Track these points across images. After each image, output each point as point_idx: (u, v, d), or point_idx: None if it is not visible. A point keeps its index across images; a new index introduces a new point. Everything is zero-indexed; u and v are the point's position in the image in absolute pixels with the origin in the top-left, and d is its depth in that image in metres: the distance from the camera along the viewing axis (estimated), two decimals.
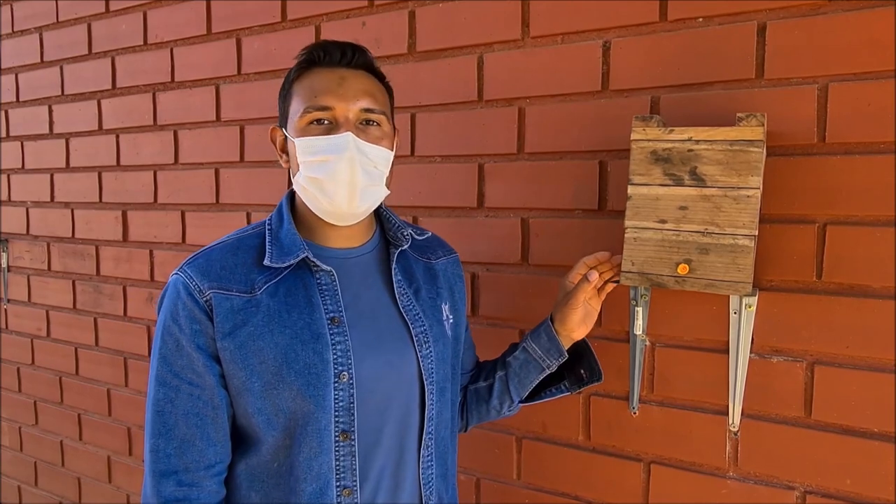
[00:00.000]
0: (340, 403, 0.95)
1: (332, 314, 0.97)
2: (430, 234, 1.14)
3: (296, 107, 0.98)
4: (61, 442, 2.29)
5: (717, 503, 1.18)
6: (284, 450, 0.95)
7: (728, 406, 1.16)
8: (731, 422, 1.16)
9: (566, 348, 1.12)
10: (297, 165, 0.97)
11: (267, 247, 0.99)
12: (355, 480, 0.96)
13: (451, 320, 1.09)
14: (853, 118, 1.04)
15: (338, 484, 0.95)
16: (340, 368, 0.95)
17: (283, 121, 1.02)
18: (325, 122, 0.96)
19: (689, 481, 1.20)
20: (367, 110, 0.97)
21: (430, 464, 1.04)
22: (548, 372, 1.13)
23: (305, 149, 0.96)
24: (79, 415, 2.21)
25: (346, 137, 0.94)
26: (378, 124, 0.99)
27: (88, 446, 2.21)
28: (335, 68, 0.98)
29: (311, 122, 0.96)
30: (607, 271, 1.12)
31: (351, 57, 0.99)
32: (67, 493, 2.30)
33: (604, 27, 1.23)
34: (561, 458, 1.34)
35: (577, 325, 1.10)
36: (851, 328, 1.06)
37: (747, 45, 1.11)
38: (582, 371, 1.17)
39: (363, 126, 0.97)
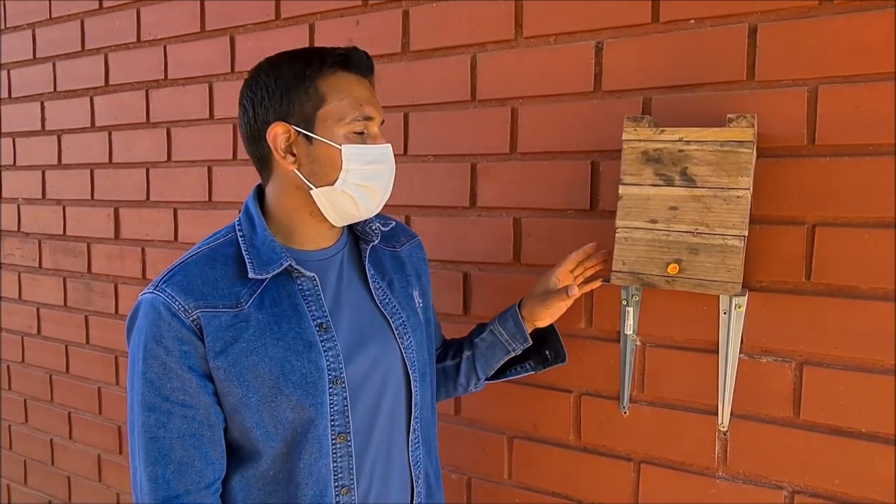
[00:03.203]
0: (335, 407, 0.95)
1: (319, 320, 0.97)
2: (394, 222, 1.16)
3: (339, 111, 0.94)
4: (51, 440, 2.28)
5: (707, 503, 1.19)
6: (282, 458, 0.95)
7: (717, 406, 1.16)
8: (720, 422, 1.16)
9: (531, 332, 1.16)
10: (336, 171, 0.94)
11: (245, 257, 0.96)
12: (352, 478, 0.97)
13: (421, 305, 1.12)
14: (843, 120, 1.05)
15: (336, 484, 0.96)
16: (333, 374, 0.95)
17: (297, 118, 0.95)
18: (363, 132, 0.97)
19: (679, 481, 1.21)
20: (382, 122, 1.01)
21: (417, 445, 1.07)
22: (513, 354, 1.18)
23: (360, 158, 0.96)
24: (69, 413, 2.20)
25: (390, 148, 1.00)
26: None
27: (78, 445, 2.20)
28: (363, 77, 1.00)
29: (354, 132, 0.96)
30: (591, 267, 1.16)
31: (372, 67, 1.02)
32: (57, 491, 2.29)
33: (596, 28, 1.24)
34: (552, 457, 1.34)
35: (545, 318, 1.15)
36: (840, 329, 1.07)
37: (738, 47, 1.12)
38: (547, 352, 1.21)
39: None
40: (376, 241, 1.06)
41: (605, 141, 1.24)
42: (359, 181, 0.96)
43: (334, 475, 0.96)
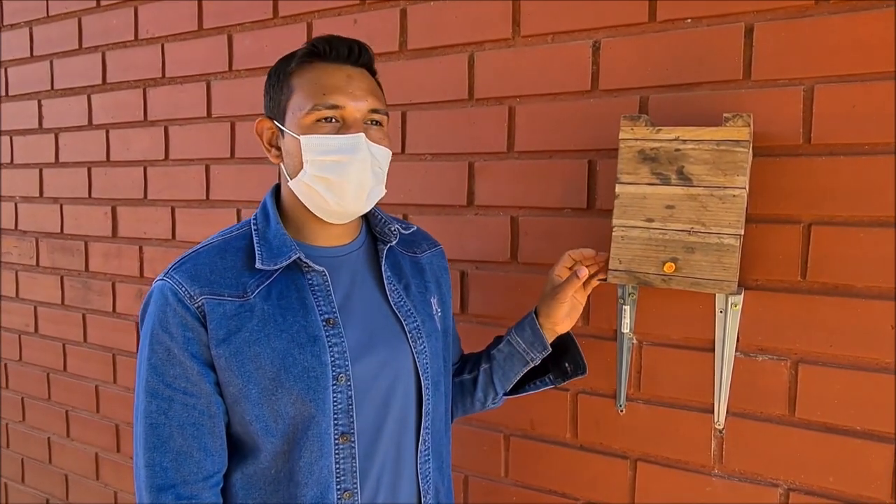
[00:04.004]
0: (339, 406, 0.94)
1: (326, 315, 0.95)
2: (415, 227, 1.13)
3: (300, 102, 0.94)
4: (48, 438, 2.28)
5: (702, 500, 1.19)
6: (283, 455, 0.94)
7: (713, 404, 1.17)
8: (716, 420, 1.17)
9: (550, 341, 1.12)
10: (300, 163, 0.94)
11: (256, 248, 0.96)
12: (356, 482, 0.95)
13: (439, 313, 1.09)
14: (838, 119, 1.05)
15: (338, 487, 0.94)
16: (338, 370, 0.94)
17: (275, 113, 0.98)
18: (334, 120, 0.94)
19: (675, 479, 1.21)
20: (374, 111, 0.96)
21: (427, 458, 1.04)
22: (531, 365, 1.13)
23: (316, 148, 0.93)
24: (66, 411, 2.20)
25: (361, 138, 0.93)
26: (381, 124, 0.98)
27: (76, 443, 2.20)
28: (341, 65, 0.96)
29: (319, 120, 0.93)
30: (592, 265, 1.13)
31: (357, 55, 0.97)
32: (55, 490, 2.29)
33: (593, 27, 1.24)
34: (548, 455, 1.35)
35: (562, 318, 1.10)
36: (835, 327, 1.07)
37: (735, 47, 1.12)
38: (567, 364, 1.17)
39: (368, 126, 0.96)
40: (394, 242, 1.05)
41: (602, 140, 1.24)
42: (317, 173, 0.93)
43: (336, 477, 0.94)
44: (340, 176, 0.93)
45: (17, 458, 2.41)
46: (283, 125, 0.97)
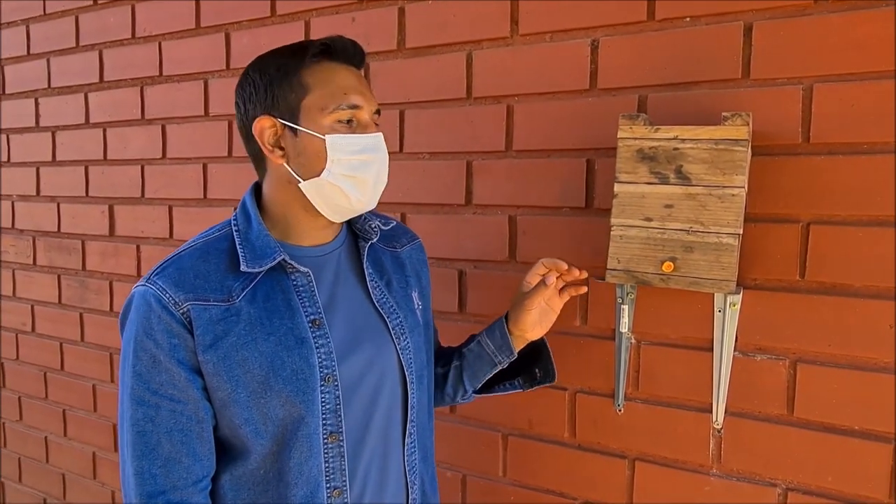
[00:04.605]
0: (327, 406, 0.94)
1: (312, 316, 0.95)
2: (395, 222, 1.14)
3: (320, 101, 0.93)
4: (46, 438, 2.27)
5: (701, 500, 1.19)
6: (272, 456, 0.94)
7: (712, 404, 1.17)
8: (714, 419, 1.17)
9: (522, 347, 1.12)
10: (323, 163, 0.93)
11: (238, 250, 0.95)
12: (345, 480, 0.96)
13: (420, 307, 1.10)
14: (837, 119, 1.05)
15: (328, 486, 0.95)
16: (325, 371, 0.94)
17: (281, 111, 0.95)
18: (351, 121, 0.95)
19: (673, 478, 1.21)
20: (377, 112, 0.99)
21: (413, 450, 1.05)
22: (499, 368, 1.13)
23: (345, 147, 0.94)
24: (64, 410, 2.20)
25: (381, 137, 0.98)
26: (378, 125, 1.00)
27: (73, 442, 2.19)
28: (349, 66, 0.98)
29: (340, 121, 0.94)
30: (566, 275, 1.08)
31: (361, 56, 1.00)
32: (52, 489, 2.29)
33: (592, 26, 1.24)
34: (547, 454, 1.34)
35: (531, 326, 1.09)
36: (834, 327, 1.07)
37: (734, 46, 1.12)
38: (537, 370, 1.18)
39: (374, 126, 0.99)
40: (375, 240, 1.05)
41: (601, 139, 1.24)
42: (346, 171, 0.94)
43: (326, 476, 0.95)
44: (365, 174, 0.96)
45: (14, 457, 2.40)
46: (295, 123, 0.94)
